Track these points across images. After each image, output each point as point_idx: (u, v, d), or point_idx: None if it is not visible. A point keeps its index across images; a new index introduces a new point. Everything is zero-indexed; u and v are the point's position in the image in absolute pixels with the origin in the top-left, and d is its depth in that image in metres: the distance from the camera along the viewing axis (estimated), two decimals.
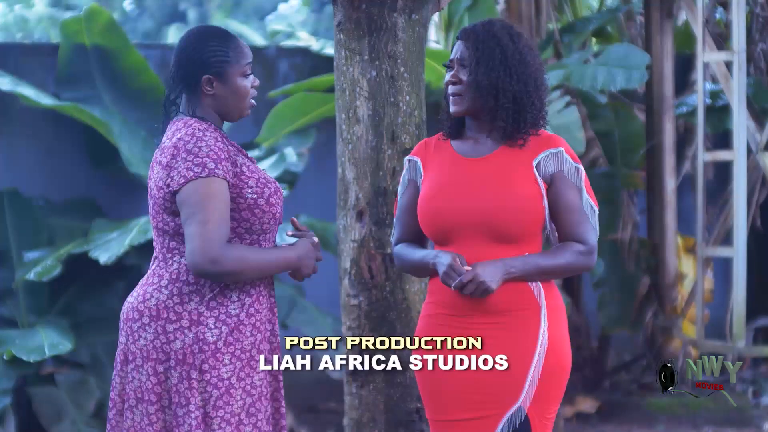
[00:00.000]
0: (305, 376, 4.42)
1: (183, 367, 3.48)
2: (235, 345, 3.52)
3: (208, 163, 3.47)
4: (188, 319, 3.50)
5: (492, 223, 3.65)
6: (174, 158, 3.50)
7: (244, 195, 3.54)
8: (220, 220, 3.45)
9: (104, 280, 7.97)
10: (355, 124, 4.91)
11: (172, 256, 3.55)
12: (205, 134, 3.52)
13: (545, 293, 3.69)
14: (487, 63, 3.69)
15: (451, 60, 3.76)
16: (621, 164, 9.12)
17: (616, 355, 9.72)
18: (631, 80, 8.04)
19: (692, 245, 9.24)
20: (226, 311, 3.52)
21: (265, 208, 3.56)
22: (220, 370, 3.50)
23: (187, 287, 3.51)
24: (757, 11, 9.43)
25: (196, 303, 3.51)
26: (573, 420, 8.50)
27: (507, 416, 3.65)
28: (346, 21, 4.88)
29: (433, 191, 3.75)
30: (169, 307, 3.51)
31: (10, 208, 8.04)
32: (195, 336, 3.49)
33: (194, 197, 3.45)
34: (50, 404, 7.53)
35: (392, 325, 4.93)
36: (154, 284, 3.55)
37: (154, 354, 3.50)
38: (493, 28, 3.74)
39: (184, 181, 3.46)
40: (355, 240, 4.96)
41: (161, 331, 3.50)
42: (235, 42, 3.65)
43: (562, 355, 3.72)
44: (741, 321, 8.37)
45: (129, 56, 8.37)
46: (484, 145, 3.77)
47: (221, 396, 3.50)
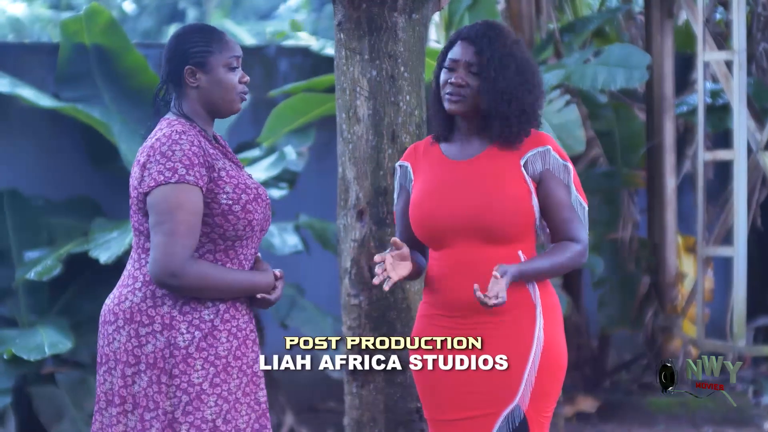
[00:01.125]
0: (305, 376, 4.40)
1: (153, 371, 3.44)
2: (208, 351, 3.46)
3: (179, 168, 3.42)
4: (160, 323, 3.45)
5: (483, 224, 3.66)
6: (148, 159, 3.47)
7: (219, 200, 3.48)
8: (186, 231, 3.40)
9: (104, 279, 7.95)
10: (356, 124, 4.90)
11: (146, 257, 3.50)
12: (182, 137, 3.47)
13: (540, 292, 3.70)
14: (503, 70, 3.69)
15: (455, 60, 3.74)
16: (621, 164, 9.12)
17: (617, 355, 9.72)
18: (632, 80, 8.04)
19: (692, 244, 9.24)
20: (199, 316, 3.47)
21: (240, 214, 3.50)
22: (191, 375, 3.44)
23: (160, 290, 3.47)
24: (758, 11, 9.43)
25: (168, 307, 3.46)
26: (573, 420, 8.50)
27: (504, 414, 3.66)
28: (347, 20, 4.88)
29: (423, 195, 3.76)
30: (142, 310, 3.46)
31: (10, 208, 8.04)
32: (166, 340, 3.44)
33: (162, 205, 3.41)
34: (50, 403, 7.53)
35: (392, 325, 4.92)
36: (128, 286, 3.51)
37: (124, 357, 3.46)
38: (500, 34, 3.73)
39: (154, 184, 3.43)
40: (355, 239, 4.96)
41: (134, 335, 3.46)
42: (219, 35, 3.61)
43: (559, 353, 3.74)
44: (741, 320, 8.37)
45: (129, 56, 8.36)
46: (471, 146, 3.77)
47: (191, 401, 3.44)
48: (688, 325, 9.05)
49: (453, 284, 3.69)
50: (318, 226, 8.14)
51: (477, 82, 3.71)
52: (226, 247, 3.52)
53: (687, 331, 9.01)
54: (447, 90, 3.74)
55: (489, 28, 3.75)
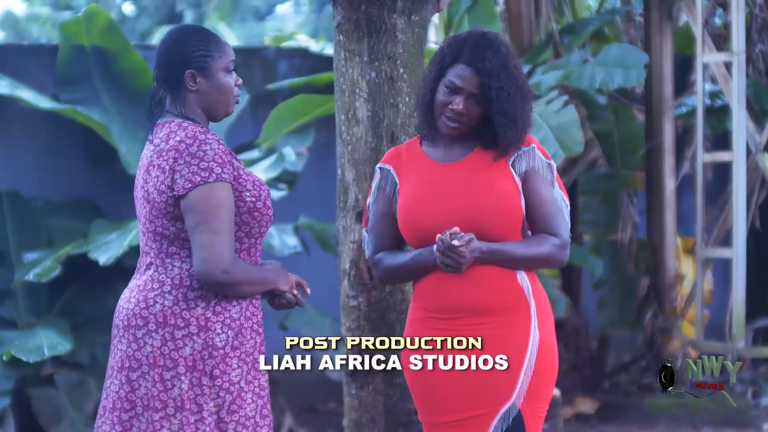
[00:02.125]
0: (305, 377, 4.39)
1: (193, 373, 3.46)
2: (240, 349, 3.51)
3: (214, 167, 3.45)
4: (196, 325, 3.48)
5: (476, 225, 3.67)
6: (176, 161, 3.47)
7: (244, 198, 3.52)
8: (229, 229, 3.45)
9: (103, 281, 7.96)
10: (355, 126, 4.91)
11: (172, 261, 3.52)
12: (208, 137, 3.49)
13: (533, 291, 3.71)
14: (506, 98, 3.69)
15: (458, 87, 3.71)
16: (620, 165, 9.12)
17: (616, 356, 9.72)
18: (630, 79, 8.04)
19: (692, 246, 9.24)
20: (229, 315, 3.51)
21: (263, 210, 3.56)
22: (230, 374, 3.49)
23: (192, 293, 3.49)
24: (756, 12, 9.44)
25: (202, 308, 3.49)
26: (572, 421, 8.50)
27: (500, 413, 3.66)
28: (346, 22, 4.88)
29: (412, 199, 3.76)
30: (176, 313, 3.48)
31: (9, 209, 8.04)
32: (204, 342, 3.47)
33: (203, 205, 3.43)
34: (49, 405, 7.52)
35: (391, 326, 4.93)
36: (155, 290, 3.51)
37: (161, 361, 3.47)
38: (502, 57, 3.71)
39: (190, 186, 3.44)
40: (354, 241, 4.96)
41: (169, 338, 3.47)
42: (216, 38, 3.63)
43: (552, 353, 3.75)
44: (740, 322, 8.37)
45: (128, 57, 8.36)
46: (457, 149, 3.78)
47: (234, 400, 3.49)
48: (688, 326, 9.05)
49: (446, 287, 3.69)
50: (317, 227, 8.14)
51: (477, 109, 3.71)
52: (249, 245, 3.58)
53: (686, 332, 9.01)
54: (447, 113, 3.73)
55: (494, 54, 3.71)
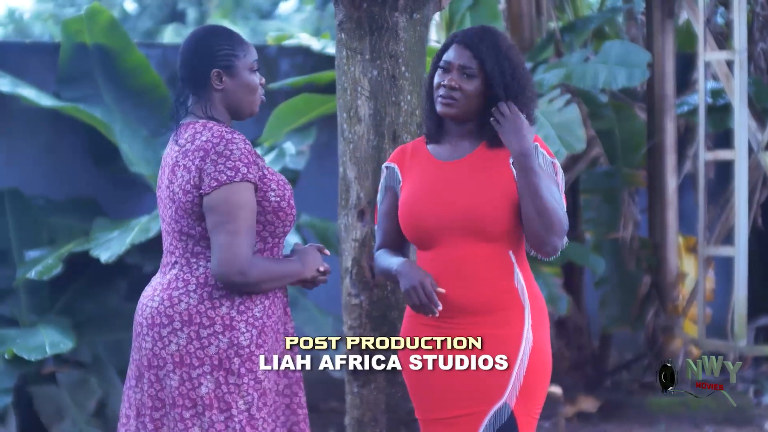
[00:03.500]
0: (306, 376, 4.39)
1: (219, 372, 3.48)
2: (264, 347, 3.53)
3: (240, 167, 3.47)
4: (221, 324, 3.49)
5: (474, 222, 3.67)
6: (203, 161, 3.49)
7: (269, 198, 3.55)
8: (248, 230, 3.47)
9: (105, 279, 7.97)
10: (357, 124, 4.90)
11: (197, 261, 3.54)
12: (234, 137, 3.52)
13: (528, 293, 3.70)
14: (498, 74, 3.70)
15: (449, 63, 3.75)
16: (622, 163, 9.12)
17: (617, 355, 9.72)
18: (633, 78, 8.04)
19: (693, 244, 9.24)
20: (252, 314, 3.53)
21: (287, 210, 3.59)
22: (256, 372, 3.51)
23: (217, 291, 3.51)
24: (758, 10, 9.43)
25: (227, 307, 3.50)
26: (574, 419, 8.50)
27: (491, 413, 3.66)
28: (348, 20, 4.88)
29: (414, 196, 3.78)
30: (201, 312, 3.49)
31: (11, 208, 8.04)
32: (229, 341, 3.49)
33: (224, 206, 3.45)
34: (51, 403, 7.52)
35: (393, 325, 4.92)
36: (179, 288, 3.52)
37: (187, 359, 3.49)
38: (495, 38, 3.75)
39: (216, 184, 3.46)
40: (356, 239, 4.96)
41: (195, 336, 3.49)
42: (240, 38, 3.66)
43: (546, 354, 3.75)
44: (742, 320, 8.37)
45: (130, 56, 8.37)
46: (461, 147, 3.79)
47: (260, 397, 3.52)
48: (689, 324, 9.05)
49: (443, 284, 3.69)
50: (319, 225, 8.14)
51: (470, 86, 3.71)
52: (273, 245, 3.61)
53: (688, 330, 9.01)
54: (440, 92, 3.75)
55: (485, 32, 3.76)
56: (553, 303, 8.10)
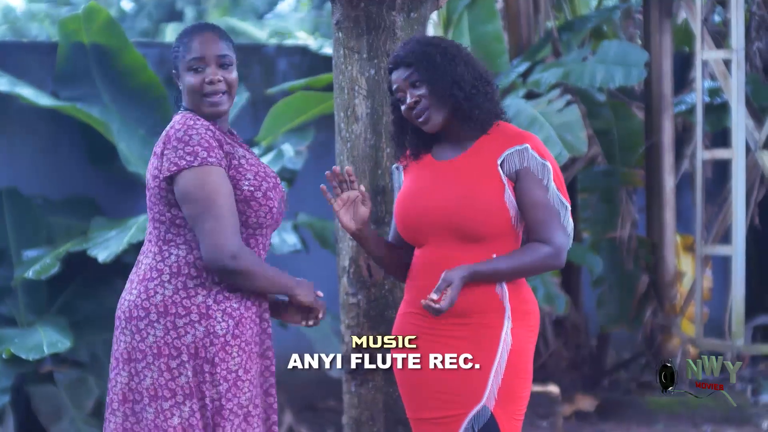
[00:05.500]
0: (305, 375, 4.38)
1: (196, 360, 3.50)
2: (240, 338, 3.54)
3: (200, 152, 3.49)
4: (197, 313, 3.51)
5: (456, 223, 3.68)
6: (165, 146, 3.53)
7: (241, 187, 3.54)
8: (230, 214, 3.48)
9: (103, 278, 7.96)
10: (354, 123, 4.90)
11: (169, 248, 3.56)
12: (196, 123, 3.54)
13: (510, 296, 3.69)
14: (434, 67, 3.72)
15: (398, 89, 3.76)
16: (620, 162, 9.12)
17: (615, 354, 9.72)
18: (630, 77, 8.04)
19: (691, 243, 9.25)
20: (230, 305, 3.54)
21: (261, 201, 3.57)
22: (229, 362, 3.52)
23: (191, 281, 3.53)
24: (754, 10, 9.44)
25: (203, 296, 3.52)
26: (572, 418, 8.51)
27: (470, 416, 3.66)
28: (345, 19, 4.87)
29: (404, 195, 3.81)
30: (176, 302, 3.51)
31: (9, 207, 8.03)
32: (205, 329, 3.50)
33: (197, 192, 3.47)
34: (49, 403, 7.52)
35: (391, 324, 4.91)
36: (154, 279, 3.55)
37: (165, 350, 3.51)
38: (416, 40, 3.79)
39: (176, 168, 3.48)
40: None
41: (171, 327, 3.51)
42: (188, 37, 3.65)
43: (526, 356, 3.73)
44: (740, 319, 8.37)
45: (128, 55, 8.36)
46: (457, 146, 3.79)
47: (230, 388, 3.52)
48: (687, 323, 9.05)
49: (427, 283, 3.70)
50: (317, 225, 8.14)
51: (424, 91, 3.72)
52: (247, 236, 3.59)
53: (686, 330, 9.01)
54: (411, 116, 3.76)
55: (407, 43, 3.79)
56: (550, 302, 8.11)
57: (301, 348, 3.71)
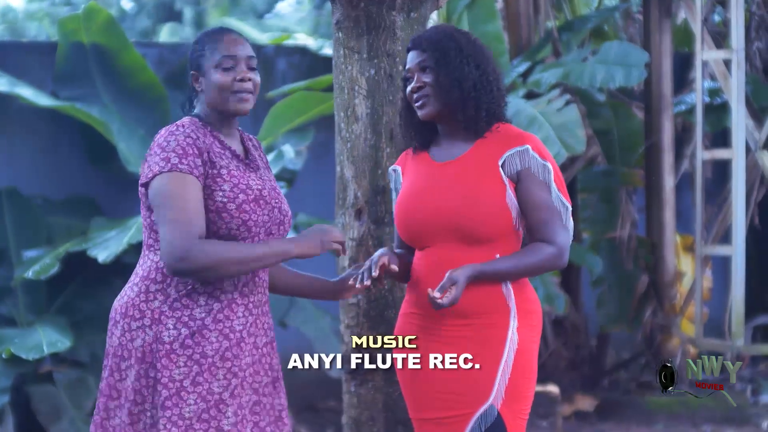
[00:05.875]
0: (304, 375, 4.38)
1: (141, 365, 3.50)
2: (193, 348, 3.49)
3: (172, 158, 3.49)
4: (150, 318, 3.51)
5: (458, 224, 3.68)
6: (149, 153, 3.57)
7: (214, 197, 3.53)
8: (187, 217, 3.45)
9: (103, 278, 7.96)
10: (354, 123, 4.90)
11: (148, 253, 3.60)
12: (179, 129, 3.55)
13: (516, 296, 3.70)
14: (445, 57, 3.73)
15: (409, 69, 3.79)
16: (620, 162, 9.12)
17: (615, 354, 9.72)
18: (630, 78, 8.04)
19: (691, 243, 9.24)
20: (190, 314, 3.51)
21: (234, 213, 3.53)
22: (172, 371, 3.48)
23: (154, 285, 3.54)
24: (754, 10, 9.44)
25: (159, 302, 3.52)
26: (571, 418, 8.51)
27: (477, 415, 3.66)
28: (345, 19, 4.87)
29: (405, 197, 3.81)
30: (135, 305, 3.53)
31: (8, 207, 8.04)
32: (154, 335, 3.49)
33: (159, 196, 3.48)
34: (49, 403, 7.52)
35: (391, 324, 4.92)
36: (130, 282, 3.61)
37: (119, 351, 3.54)
38: (441, 29, 3.81)
39: (151, 174, 3.51)
40: (353, 238, 4.96)
41: (126, 329, 3.53)
42: (214, 38, 3.67)
43: (532, 356, 3.74)
44: (740, 319, 8.37)
45: (127, 55, 8.36)
46: (455, 148, 3.79)
47: (170, 397, 3.47)
48: (687, 324, 9.05)
49: (430, 284, 3.69)
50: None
51: (433, 77, 3.74)
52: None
53: (685, 330, 9.01)
54: (413, 99, 3.79)
55: (431, 29, 3.82)
56: (550, 302, 8.10)
57: (301, 348, 3.69)
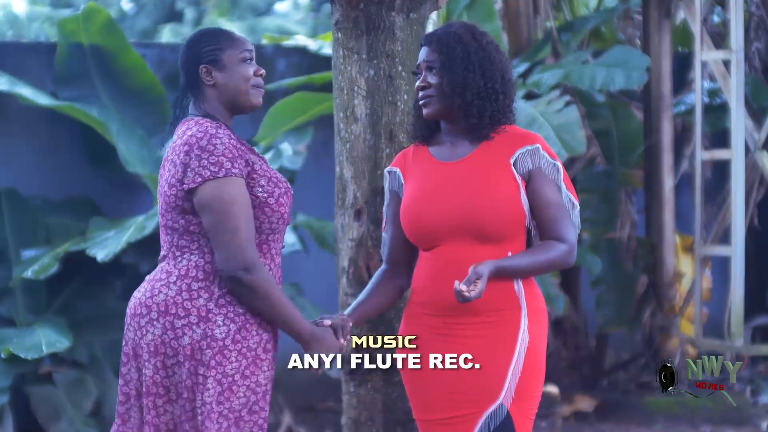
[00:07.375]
0: (304, 375, 4.38)
1: (191, 362, 3.51)
2: (242, 343, 3.53)
3: (224, 162, 3.50)
4: (197, 316, 3.52)
5: (473, 223, 3.67)
6: (188, 155, 3.52)
7: (255, 193, 3.56)
8: (247, 226, 3.50)
9: (102, 278, 7.97)
10: (353, 123, 4.90)
11: (182, 254, 3.57)
12: (219, 132, 3.55)
13: (526, 293, 3.70)
14: (451, 62, 3.73)
15: (418, 65, 3.81)
16: (619, 163, 9.12)
17: (614, 354, 9.72)
18: (631, 81, 8.05)
19: (690, 244, 9.24)
20: (234, 309, 3.54)
21: (274, 207, 3.59)
22: (225, 366, 3.51)
23: (197, 284, 3.54)
24: (753, 10, 9.43)
25: (204, 300, 3.53)
26: (571, 419, 8.51)
27: (487, 414, 3.66)
28: (344, 20, 4.87)
29: (414, 197, 3.79)
30: (177, 303, 3.53)
31: (8, 207, 8.04)
32: (203, 332, 3.51)
33: (217, 203, 3.48)
34: (48, 403, 7.52)
35: (390, 324, 4.92)
36: (162, 280, 3.57)
37: (162, 349, 3.53)
38: (454, 29, 3.79)
39: (200, 180, 3.49)
40: (353, 239, 4.96)
41: (169, 327, 3.52)
42: (228, 34, 3.69)
43: (541, 355, 3.74)
44: (739, 320, 8.37)
45: (127, 55, 8.36)
46: (460, 147, 3.79)
47: (223, 392, 3.51)
48: (686, 324, 9.05)
49: (442, 284, 3.69)
50: (316, 225, 8.14)
51: (437, 79, 3.73)
52: (260, 241, 3.60)
53: (685, 330, 9.01)
54: (418, 96, 3.80)
55: (446, 27, 3.81)
56: (550, 303, 8.10)
57: (301, 348, 3.69)
